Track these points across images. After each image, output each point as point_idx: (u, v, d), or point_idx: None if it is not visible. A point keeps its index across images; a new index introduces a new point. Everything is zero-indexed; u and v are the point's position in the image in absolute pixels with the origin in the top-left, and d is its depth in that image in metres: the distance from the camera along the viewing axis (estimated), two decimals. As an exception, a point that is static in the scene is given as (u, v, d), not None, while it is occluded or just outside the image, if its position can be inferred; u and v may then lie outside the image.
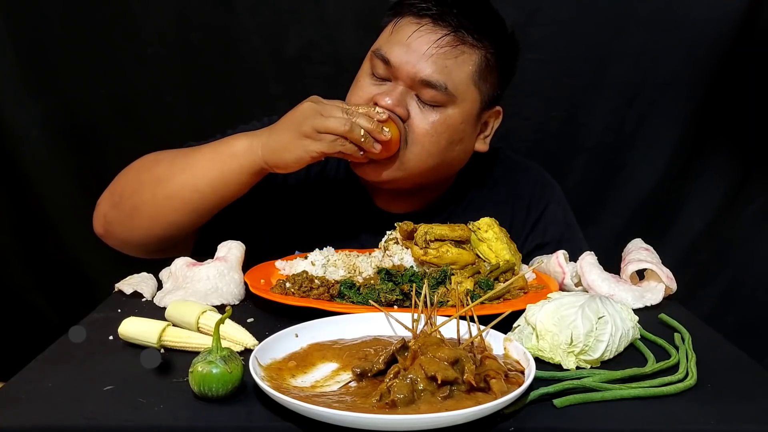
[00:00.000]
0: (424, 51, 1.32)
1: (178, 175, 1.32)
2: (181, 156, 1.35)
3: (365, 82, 1.39)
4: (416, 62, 1.32)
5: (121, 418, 0.78)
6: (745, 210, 2.05)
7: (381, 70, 1.36)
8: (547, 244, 1.52)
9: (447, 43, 1.32)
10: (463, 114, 1.37)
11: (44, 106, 2.00)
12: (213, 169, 1.30)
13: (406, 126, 1.34)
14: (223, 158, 1.30)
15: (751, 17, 1.91)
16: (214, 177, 1.30)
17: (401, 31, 1.35)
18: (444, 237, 1.24)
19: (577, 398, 0.83)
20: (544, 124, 2.04)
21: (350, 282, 1.16)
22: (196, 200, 1.32)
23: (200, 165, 1.31)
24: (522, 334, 0.99)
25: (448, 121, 1.35)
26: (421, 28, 1.33)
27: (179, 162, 1.34)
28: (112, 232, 1.41)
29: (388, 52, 1.34)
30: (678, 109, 2.01)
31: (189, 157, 1.34)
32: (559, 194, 1.60)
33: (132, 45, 1.97)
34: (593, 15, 1.95)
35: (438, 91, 1.32)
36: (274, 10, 1.95)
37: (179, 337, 0.96)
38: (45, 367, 0.91)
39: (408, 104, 1.34)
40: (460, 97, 1.35)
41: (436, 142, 1.36)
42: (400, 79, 1.34)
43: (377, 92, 1.35)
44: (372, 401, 0.77)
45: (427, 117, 1.34)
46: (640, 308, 1.20)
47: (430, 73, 1.32)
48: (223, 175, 1.30)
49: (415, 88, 1.34)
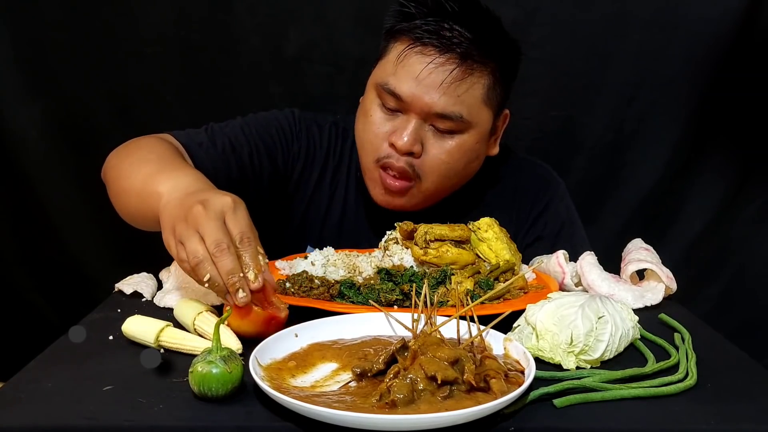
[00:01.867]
0: (436, 85, 1.32)
1: (125, 177, 1.25)
2: (138, 159, 1.27)
3: (377, 117, 1.39)
4: (429, 97, 1.32)
5: (121, 418, 0.78)
6: (745, 210, 2.05)
7: (392, 103, 1.36)
8: (545, 237, 1.55)
9: (457, 76, 1.32)
10: (478, 135, 1.40)
11: (44, 106, 1.99)
12: (139, 192, 1.20)
13: (422, 159, 1.37)
14: (147, 190, 1.17)
15: (750, 17, 1.91)
16: (137, 202, 1.21)
17: (408, 64, 1.34)
18: (444, 237, 1.24)
19: (577, 398, 0.83)
20: (543, 123, 2.04)
21: (350, 282, 1.16)
22: (132, 210, 1.25)
23: (135, 182, 1.21)
24: (522, 334, 0.99)
25: (464, 147, 1.38)
26: (430, 63, 1.31)
27: (134, 165, 1.26)
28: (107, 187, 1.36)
29: (398, 87, 1.34)
30: (678, 109, 2.01)
31: (140, 165, 1.24)
32: (562, 191, 1.61)
33: (132, 45, 1.96)
34: (593, 15, 1.95)
35: (454, 121, 1.34)
36: (274, 10, 1.95)
37: (176, 339, 0.96)
38: (45, 367, 0.91)
39: (423, 137, 1.36)
40: (474, 120, 1.37)
41: (453, 167, 1.40)
42: (413, 112, 1.35)
43: (391, 129, 1.37)
44: (372, 401, 0.77)
45: (442, 146, 1.37)
46: (640, 308, 1.21)
47: (444, 106, 1.33)
48: (141, 204, 1.19)
49: (430, 119, 1.35)
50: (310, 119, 1.57)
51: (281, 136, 1.52)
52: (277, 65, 1.99)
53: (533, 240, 1.55)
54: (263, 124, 1.51)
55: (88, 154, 2.05)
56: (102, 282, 1.46)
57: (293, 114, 1.55)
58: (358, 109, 1.47)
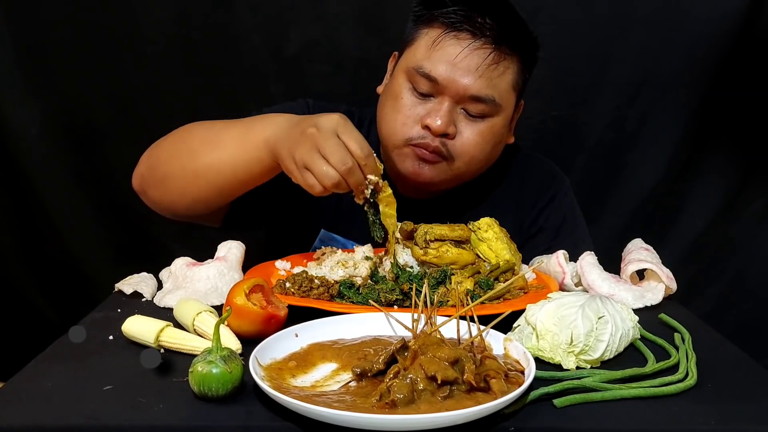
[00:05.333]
0: (473, 69, 1.35)
1: (206, 153, 1.32)
2: (215, 132, 1.35)
3: (408, 101, 1.40)
4: (465, 79, 1.35)
5: (121, 417, 0.78)
6: (745, 210, 2.05)
7: (425, 87, 1.38)
8: (547, 229, 1.57)
9: (492, 60, 1.35)
10: (505, 119, 1.44)
11: (44, 106, 1.99)
12: (236, 155, 1.29)
13: (455, 140, 1.39)
14: (247, 147, 1.28)
15: (751, 17, 1.91)
16: (236, 163, 1.29)
17: (443, 48, 1.36)
18: (444, 237, 1.24)
19: (577, 398, 0.83)
20: (545, 123, 2.04)
21: (350, 282, 1.16)
22: (220, 182, 1.32)
23: (227, 148, 1.30)
24: (522, 334, 0.99)
25: (494, 129, 1.41)
26: (466, 47, 1.34)
27: (211, 138, 1.34)
28: (146, 192, 1.43)
29: (434, 70, 1.36)
30: (678, 109, 2.01)
31: (220, 135, 1.33)
32: (567, 187, 1.64)
33: (132, 44, 1.96)
34: (594, 14, 1.95)
35: (487, 104, 1.37)
36: (274, 9, 1.95)
37: (176, 339, 0.96)
38: (45, 366, 0.91)
39: (456, 119, 1.38)
40: (504, 105, 1.41)
41: (484, 149, 1.42)
42: (447, 95, 1.37)
43: (423, 112, 1.38)
44: (372, 401, 0.77)
45: (474, 129, 1.39)
46: (640, 308, 1.21)
47: (479, 89, 1.36)
48: (246, 164, 1.29)
49: (463, 102, 1.37)
50: (323, 107, 1.58)
51: None
52: (277, 65, 1.99)
53: (536, 231, 1.58)
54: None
55: (89, 154, 2.06)
56: (102, 282, 1.46)
57: (307, 104, 1.58)
58: (382, 97, 1.48)
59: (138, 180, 1.44)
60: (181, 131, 1.41)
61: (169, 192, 1.38)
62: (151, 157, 1.42)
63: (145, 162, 1.43)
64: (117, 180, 1.96)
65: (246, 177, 1.31)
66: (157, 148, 1.42)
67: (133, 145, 1.49)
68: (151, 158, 1.42)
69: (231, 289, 1.01)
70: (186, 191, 1.36)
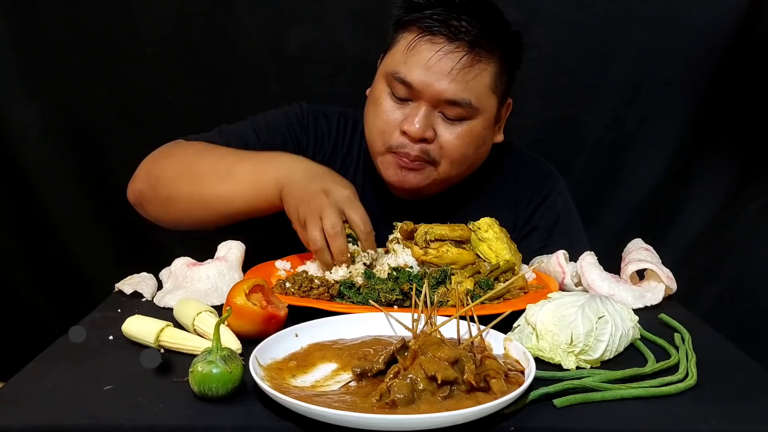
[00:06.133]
0: (445, 72, 1.34)
1: (215, 184, 1.36)
2: (225, 164, 1.37)
3: (387, 105, 1.40)
4: (439, 84, 1.34)
5: (121, 417, 0.78)
6: (745, 210, 2.05)
7: (402, 92, 1.38)
8: (540, 228, 1.56)
9: (466, 63, 1.34)
10: (485, 121, 1.42)
11: (44, 106, 1.99)
12: (247, 191, 1.33)
13: (435, 144, 1.39)
14: (258, 185, 1.32)
15: (751, 17, 1.91)
16: (246, 198, 1.34)
17: (418, 53, 1.36)
18: (444, 237, 1.24)
19: (577, 398, 0.83)
20: (544, 123, 2.04)
21: (350, 282, 1.16)
22: (228, 211, 1.37)
23: (238, 183, 1.34)
24: (522, 334, 0.99)
25: (473, 133, 1.40)
26: (439, 51, 1.34)
27: (221, 170, 1.37)
28: (144, 208, 1.46)
29: (408, 75, 1.35)
30: (678, 109, 2.01)
31: (232, 168, 1.36)
32: (562, 186, 1.63)
33: (132, 45, 1.96)
34: (594, 14, 1.95)
35: (463, 107, 1.36)
36: (275, 10, 1.95)
37: (176, 339, 0.96)
38: (45, 366, 0.91)
39: (434, 123, 1.38)
40: (482, 107, 1.39)
41: (465, 152, 1.41)
42: (423, 99, 1.36)
43: (401, 117, 1.38)
44: (372, 401, 0.77)
45: (453, 132, 1.39)
46: (640, 308, 1.20)
47: (454, 93, 1.35)
48: (255, 199, 1.33)
49: (439, 106, 1.37)
50: (318, 111, 1.60)
51: (290, 131, 1.54)
52: (277, 65, 1.99)
53: (529, 231, 1.57)
54: (273, 122, 1.54)
55: (89, 154, 2.06)
56: (102, 282, 1.46)
57: (301, 108, 1.58)
58: (367, 100, 1.48)
59: (135, 194, 1.45)
60: (181, 152, 1.43)
61: (171, 212, 1.41)
62: (151, 176, 1.42)
63: (144, 179, 1.43)
64: (117, 180, 1.95)
65: (253, 210, 1.35)
66: (158, 167, 1.42)
67: (133, 145, 1.49)
68: (150, 176, 1.42)
69: (231, 289, 1.01)
70: (191, 214, 1.39)
